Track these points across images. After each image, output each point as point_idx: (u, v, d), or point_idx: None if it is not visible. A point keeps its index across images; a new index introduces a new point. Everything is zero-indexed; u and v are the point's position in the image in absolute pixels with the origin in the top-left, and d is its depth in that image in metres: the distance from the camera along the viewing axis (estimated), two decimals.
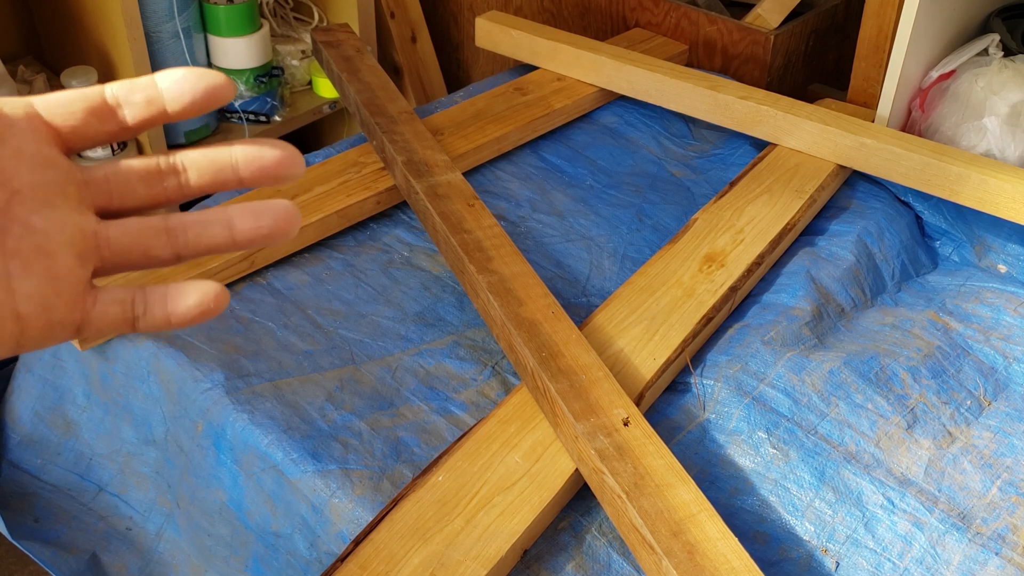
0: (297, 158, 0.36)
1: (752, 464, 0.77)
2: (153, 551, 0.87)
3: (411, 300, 0.92)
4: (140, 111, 0.35)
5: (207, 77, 0.35)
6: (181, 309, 0.35)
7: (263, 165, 0.36)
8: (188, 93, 0.35)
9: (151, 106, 0.35)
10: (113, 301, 0.35)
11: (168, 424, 0.85)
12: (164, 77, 0.35)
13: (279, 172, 0.36)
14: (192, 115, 0.36)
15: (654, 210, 1.08)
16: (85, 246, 0.35)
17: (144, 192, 0.36)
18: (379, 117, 1.06)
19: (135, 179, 0.36)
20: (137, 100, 0.35)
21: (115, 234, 0.35)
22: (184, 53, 1.41)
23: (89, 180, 0.35)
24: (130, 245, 0.35)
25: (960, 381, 0.85)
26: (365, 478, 0.75)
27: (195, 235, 0.36)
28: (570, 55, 1.23)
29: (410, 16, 1.73)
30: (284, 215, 0.36)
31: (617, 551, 0.71)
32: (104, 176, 0.35)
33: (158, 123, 0.36)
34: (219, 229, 0.36)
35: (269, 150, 0.36)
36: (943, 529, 0.72)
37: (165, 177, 0.36)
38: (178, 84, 0.35)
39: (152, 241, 0.36)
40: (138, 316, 0.35)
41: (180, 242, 0.36)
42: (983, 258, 1.04)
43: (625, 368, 0.81)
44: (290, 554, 0.77)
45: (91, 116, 0.35)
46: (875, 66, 1.22)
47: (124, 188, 0.36)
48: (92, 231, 0.35)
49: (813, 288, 0.93)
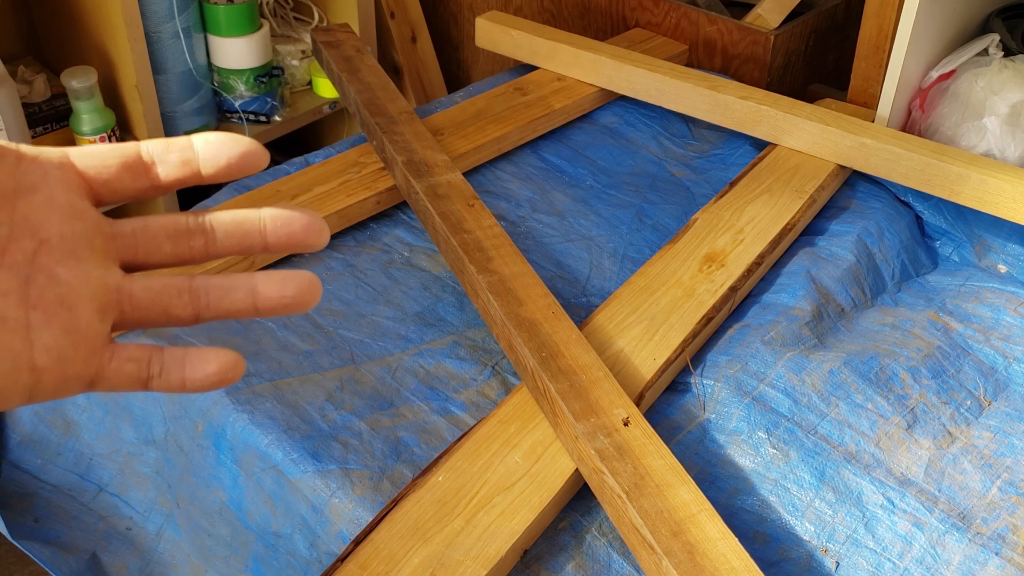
0: (323, 227, 0.36)
1: (752, 464, 0.77)
2: (153, 551, 0.87)
3: (411, 300, 0.92)
4: (174, 171, 0.35)
5: (242, 144, 0.35)
6: (199, 376, 0.36)
7: (291, 232, 0.36)
8: (224, 157, 0.35)
9: (186, 167, 0.35)
10: (129, 359, 0.35)
11: (168, 424, 0.85)
12: (201, 140, 0.35)
13: (306, 240, 0.36)
14: (225, 180, 0.36)
15: (654, 210, 1.08)
16: (107, 300, 0.35)
17: (170, 250, 0.36)
18: (379, 117, 1.06)
19: (162, 236, 0.36)
20: (172, 160, 0.35)
21: (138, 290, 0.35)
22: (184, 53, 1.41)
23: (117, 234, 0.35)
24: (152, 302, 0.36)
25: (960, 381, 0.85)
26: (365, 478, 0.75)
27: (217, 298, 0.36)
28: (570, 55, 1.23)
29: (410, 16, 1.73)
30: (308, 287, 0.36)
31: (617, 551, 0.71)
32: (132, 231, 0.36)
33: (190, 184, 0.36)
34: (242, 295, 0.36)
35: (298, 217, 0.36)
36: (943, 529, 0.72)
37: (192, 236, 0.36)
38: (215, 148, 0.35)
39: (174, 300, 0.36)
40: (153, 376, 0.36)
41: (202, 303, 0.36)
42: (983, 258, 1.04)
43: (625, 368, 0.81)
44: (290, 554, 0.77)
45: (125, 171, 0.35)
46: (875, 66, 1.22)
47: (151, 244, 0.36)
48: (116, 286, 0.35)
49: (813, 288, 0.93)
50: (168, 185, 0.36)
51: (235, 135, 0.36)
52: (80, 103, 1.34)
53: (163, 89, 1.41)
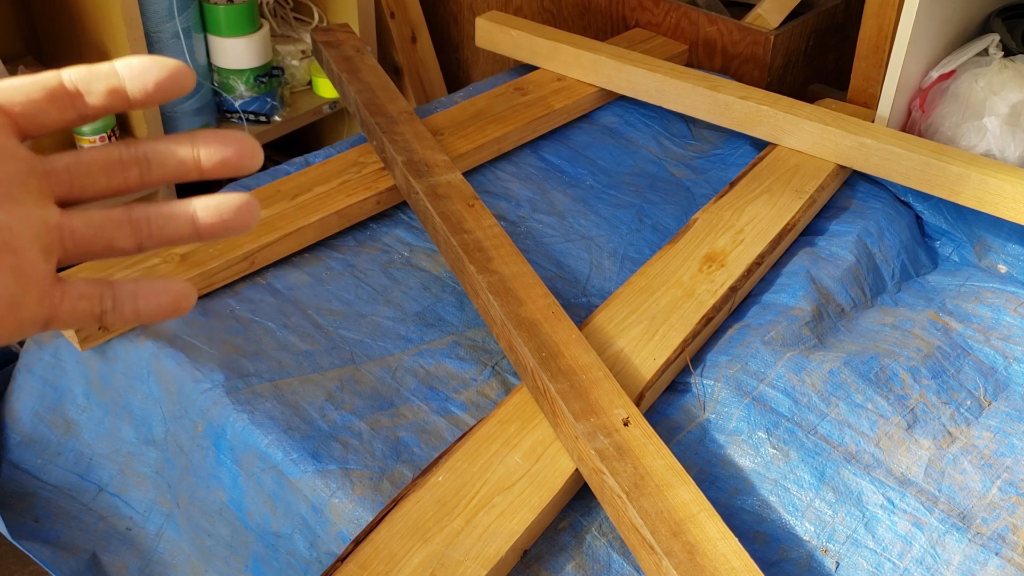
0: (256, 149, 0.36)
1: (752, 464, 0.77)
2: (153, 551, 0.87)
3: (411, 300, 0.92)
4: (101, 98, 0.35)
5: (167, 65, 0.35)
6: (153, 306, 0.36)
7: (225, 156, 0.36)
8: (151, 80, 0.35)
9: (113, 94, 0.35)
10: (81, 296, 0.35)
11: (168, 424, 0.85)
12: (124, 64, 0.35)
13: (240, 163, 0.36)
14: (154, 102, 0.35)
15: (654, 210, 1.08)
16: (49, 239, 0.34)
17: (105, 182, 0.36)
18: (379, 117, 1.06)
19: (96, 169, 0.35)
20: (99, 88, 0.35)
21: (78, 225, 0.35)
22: (184, 53, 1.41)
23: (50, 171, 0.35)
24: (93, 236, 0.35)
25: (960, 381, 0.85)
26: (365, 478, 0.75)
27: (158, 227, 0.36)
28: (570, 55, 1.23)
29: (410, 16, 1.73)
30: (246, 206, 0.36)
31: (617, 551, 0.71)
32: (65, 166, 0.35)
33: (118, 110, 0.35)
34: (182, 222, 0.36)
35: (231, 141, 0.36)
36: (943, 529, 0.72)
37: (127, 167, 0.35)
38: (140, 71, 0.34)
39: (115, 232, 0.35)
40: (106, 311, 0.35)
41: (143, 233, 0.36)
42: (983, 258, 1.04)
43: (625, 368, 0.81)
44: (290, 554, 0.77)
45: (50, 103, 0.34)
46: (875, 66, 1.22)
47: (85, 178, 0.35)
48: (56, 223, 0.35)
49: (813, 288, 0.93)
50: (96, 112, 0.35)
51: (160, 57, 0.35)
52: None
53: None
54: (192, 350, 0.84)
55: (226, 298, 0.90)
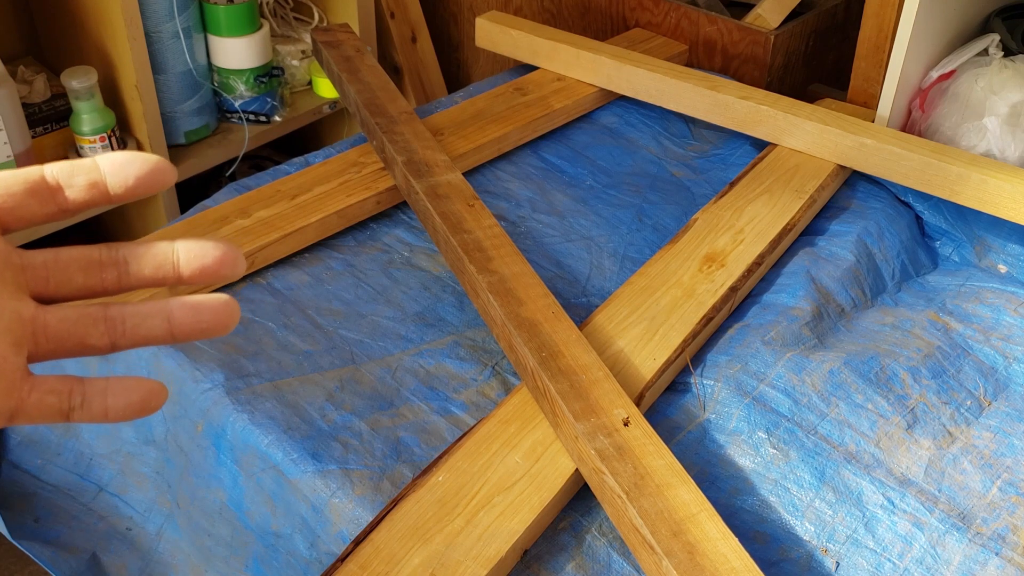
0: (238, 257, 0.36)
1: (752, 464, 0.77)
2: (153, 551, 0.87)
3: (411, 300, 0.92)
4: (82, 194, 0.35)
5: (148, 162, 0.35)
6: (122, 404, 0.35)
7: (204, 265, 0.35)
8: (132, 176, 0.35)
9: (93, 189, 0.35)
10: (49, 391, 0.35)
11: (168, 424, 0.85)
12: (106, 160, 0.35)
13: (220, 271, 0.36)
14: (133, 197, 0.35)
15: (654, 210, 1.08)
16: (22, 332, 0.34)
17: (82, 281, 0.35)
18: (379, 117, 1.06)
19: (74, 268, 0.35)
20: (79, 183, 0.35)
21: (52, 321, 0.35)
22: (184, 53, 1.41)
23: (27, 265, 0.35)
24: (67, 333, 0.35)
25: (960, 381, 0.85)
26: (365, 478, 0.75)
27: (133, 326, 0.36)
28: (570, 55, 1.23)
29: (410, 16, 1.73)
30: (224, 310, 0.36)
31: (617, 551, 0.71)
32: (43, 263, 0.35)
33: (99, 205, 0.35)
34: (158, 322, 0.36)
35: (211, 250, 0.35)
36: (943, 529, 0.72)
37: (105, 269, 0.35)
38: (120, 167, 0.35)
39: (89, 330, 0.35)
40: (74, 408, 0.35)
41: (117, 332, 0.36)
42: (983, 258, 1.04)
43: (625, 368, 0.81)
44: (290, 554, 0.77)
45: (31, 197, 0.34)
46: (875, 66, 1.22)
47: (62, 276, 0.35)
48: (30, 317, 0.34)
49: (813, 288, 0.93)
50: (76, 208, 0.35)
51: (140, 153, 0.35)
52: (80, 103, 1.34)
53: (163, 89, 1.41)
54: (192, 350, 0.84)
55: None
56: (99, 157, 0.35)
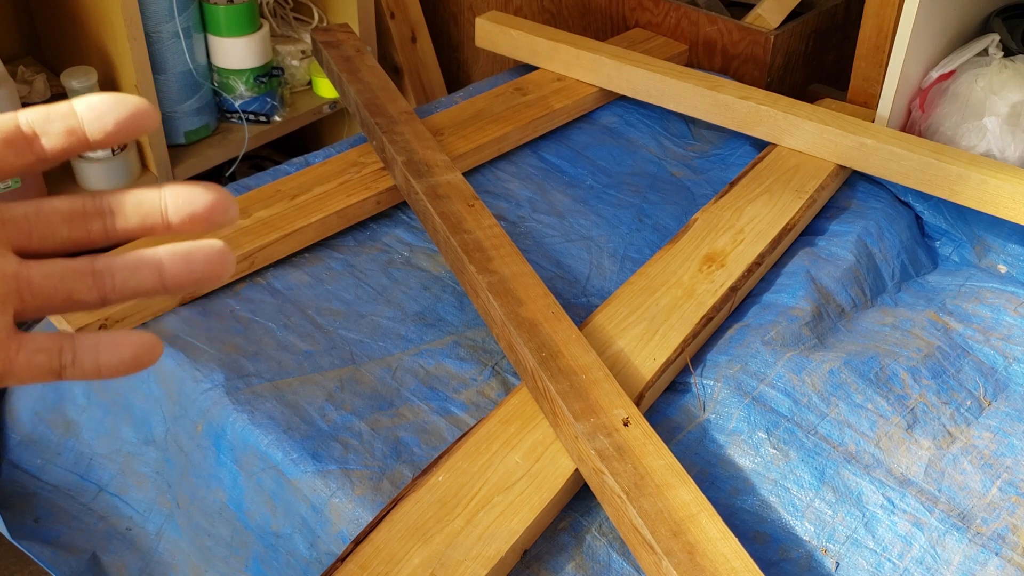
0: (230, 203, 0.34)
1: (752, 464, 0.77)
2: (153, 551, 0.87)
3: (411, 300, 0.92)
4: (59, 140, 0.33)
5: (128, 104, 0.33)
6: (115, 360, 0.34)
7: (194, 211, 0.33)
8: (111, 120, 0.33)
9: (71, 135, 0.33)
10: (39, 349, 0.34)
11: (168, 424, 0.85)
12: (83, 104, 0.33)
13: (211, 218, 0.34)
14: (114, 143, 0.34)
15: (654, 210, 1.08)
16: (6, 290, 0.33)
17: (67, 234, 0.34)
18: (379, 117, 1.06)
19: (58, 220, 0.34)
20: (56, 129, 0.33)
21: (37, 276, 0.33)
22: (184, 53, 1.41)
23: (7, 219, 0.33)
24: (53, 288, 0.34)
25: (960, 381, 0.85)
26: (365, 478, 0.75)
27: (123, 279, 0.34)
28: (570, 55, 1.23)
29: (410, 16, 1.73)
30: (218, 257, 0.34)
31: (617, 551, 0.71)
32: (24, 215, 0.34)
33: (78, 152, 0.34)
34: (148, 273, 0.34)
35: (201, 194, 0.33)
36: (943, 529, 0.72)
37: (90, 219, 0.34)
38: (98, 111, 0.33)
39: (77, 284, 0.34)
40: (65, 365, 0.34)
41: (107, 286, 0.34)
42: (983, 258, 1.04)
43: (625, 368, 0.81)
44: (290, 554, 0.77)
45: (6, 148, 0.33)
46: (875, 66, 1.22)
47: (45, 229, 0.34)
48: (12, 273, 0.33)
49: (813, 288, 0.93)
50: (55, 156, 0.34)
51: (121, 95, 0.33)
52: None
53: (163, 89, 1.41)
54: (192, 350, 0.84)
55: (226, 298, 0.90)
56: (75, 101, 0.33)
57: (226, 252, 0.34)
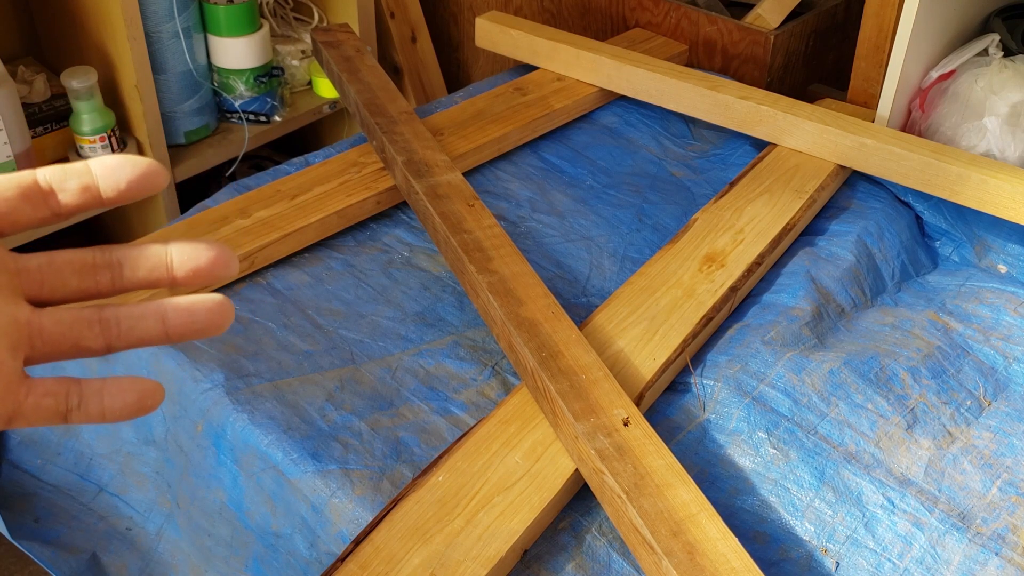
0: (231, 258, 0.36)
1: (752, 464, 0.77)
2: (153, 551, 0.87)
3: (411, 300, 0.92)
4: (75, 198, 0.35)
5: (140, 165, 0.35)
6: (118, 405, 0.36)
7: (197, 266, 0.36)
8: (124, 180, 0.35)
9: (86, 193, 0.35)
10: (46, 393, 0.35)
11: (168, 424, 0.85)
12: (98, 164, 0.35)
13: (212, 272, 0.36)
14: (126, 201, 0.35)
15: (654, 210, 1.08)
16: (18, 336, 0.34)
17: (77, 284, 0.36)
18: (379, 117, 1.06)
19: (68, 271, 0.36)
20: (72, 186, 0.35)
21: (48, 323, 0.35)
22: (184, 53, 1.41)
23: (21, 269, 0.35)
24: (62, 335, 0.35)
25: (960, 381, 0.85)
26: (365, 478, 0.75)
27: (128, 328, 0.36)
28: (570, 55, 1.23)
29: (410, 16, 1.73)
30: (218, 311, 0.36)
31: (617, 551, 0.71)
32: (37, 266, 0.35)
33: (92, 208, 0.36)
34: (152, 323, 0.36)
35: (204, 250, 0.36)
36: (943, 529, 0.72)
37: (99, 271, 0.36)
38: (113, 171, 0.35)
39: (85, 332, 0.36)
40: (71, 409, 0.35)
41: (112, 334, 0.36)
42: (983, 258, 1.04)
43: (625, 368, 0.81)
44: (290, 554, 0.77)
45: (24, 202, 0.35)
46: (875, 66, 1.22)
47: (56, 279, 0.36)
48: (25, 320, 0.35)
49: (813, 288, 0.93)
50: (69, 212, 0.35)
51: (133, 157, 0.35)
52: (80, 103, 1.34)
53: (163, 89, 1.41)
54: (192, 350, 0.84)
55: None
56: (91, 161, 0.35)
57: (226, 305, 0.36)
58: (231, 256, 0.36)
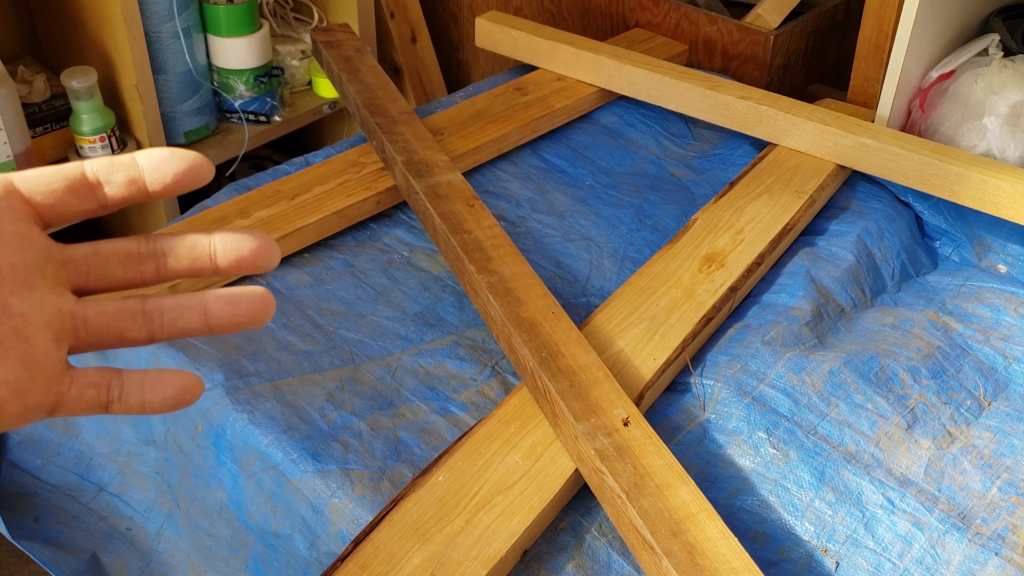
0: (273, 249, 0.37)
1: (752, 464, 0.77)
2: (153, 551, 0.87)
3: (411, 300, 0.92)
4: (121, 190, 0.35)
5: (187, 159, 0.35)
6: (158, 398, 0.36)
7: (240, 256, 0.36)
8: (169, 173, 0.35)
9: (132, 185, 0.35)
10: (88, 384, 0.35)
11: (168, 424, 0.85)
12: (144, 157, 0.35)
13: (255, 262, 0.36)
14: (172, 194, 0.36)
15: (654, 210, 1.08)
16: (62, 327, 0.35)
17: (122, 274, 0.36)
18: (379, 117, 1.06)
19: (114, 261, 0.36)
20: (118, 179, 0.35)
21: (92, 314, 0.36)
22: (184, 53, 1.41)
23: (67, 260, 0.36)
24: (106, 326, 0.36)
25: (960, 381, 0.85)
26: (365, 478, 0.75)
27: (171, 319, 0.36)
28: (570, 55, 1.23)
29: (410, 16, 1.73)
30: (260, 303, 0.37)
31: (617, 551, 0.71)
32: (83, 256, 0.36)
33: (138, 200, 0.36)
34: (195, 315, 0.36)
35: (248, 241, 0.36)
36: (943, 529, 0.72)
37: (143, 261, 0.36)
38: (159, 164, 0.35)
39: (128, 323, 0.36)
40: (112, 400, 0.36)
41: (155, 325, 0.36)
42: (983, 258, 1.04)
43: (625, 368, 0.81)
44: (290, 554, 0.77)
45: (71, 194, 0.35)
46: (875, 66, 1.22)
47: (102, 269, 0.36)
48: (70, 312, 0.35)
49: (813, 288, 0.93)
50: (115, 204, 0.36)
51: (179, 150, 0.35)
52: (80, 103, 1.34)
53: (163, 89, 1.41)
54: (192, 350, 0.84)
55: None
56: (138, 154, 0.35)
57: (268, 298, 0.37)
58: (273, 246, 0.36)
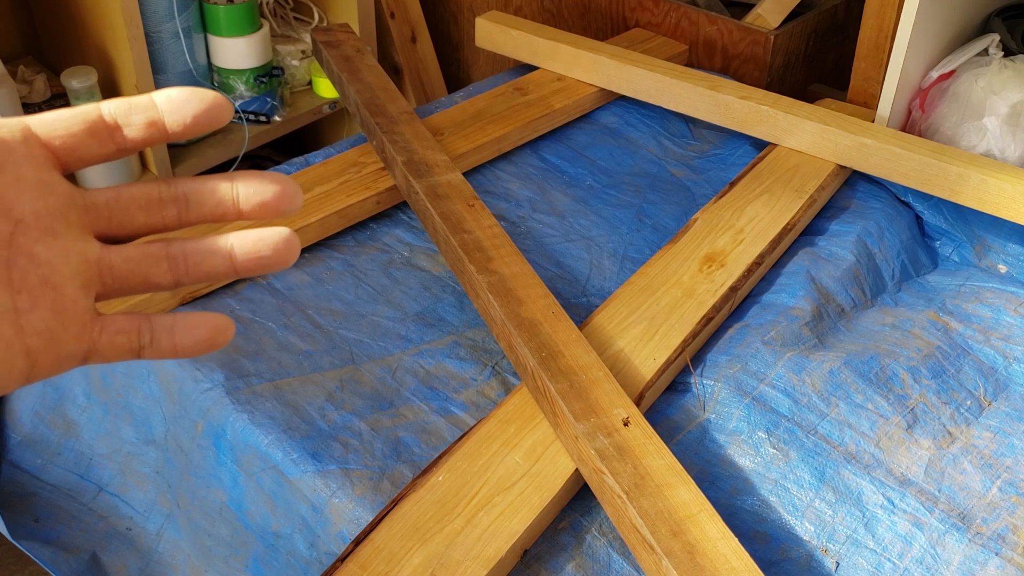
0: (296, 192, 0.36)
1: (752, 464, 0.77)
2: (153, 551, 0.87)
3: (411, 300, 0.92)
4: (140, 131, 0.35)
5: (206, 97, 0.35)
6: (189, 341, 0.36)
7: (263, 200, 0.36)
8: (189, 113, 0.35)
9: (151, 127, 0.35)
10: (119, 331, 0.35)
11: (168, 424, 0.85)
12: (163, 96, 0.35)
13: (279, 206, 0.36)
14: (192, 135, 0.35)
15: (654, 210, 1.08)
16: (89, 274, 0.35)
17: (144, 219, 0.36)
18: (379, 117, 1.06)
19: (135, 207, 0.35)
20: (138, 121, 0.35)
21: (117, 260, 0.35)
22: (184, 53, 1.41)
23: (89, 205, 0.35)
24: (131, 271, 0.35)
25: (960, 381, 0.85)
26: (365, 478, 0.75)
27: (196, 263, 0.36)
28: (570, 55, 1.23)
29: (410, 16, 1.73)
30: (284, 244, 0.36)
31: (617, 551, 0.71)
32: (105, 202, 0.35)
33: (157, 142, 0.36)
34: (220, 259, 0.36)
35: (270, 185, 0.36)
36: (943, 529, 0.72)
37: (165, 206, 0.36)
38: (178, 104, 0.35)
39: (153, 268, 0.36)
40: (144, 345, 0.36)
41: (181, 269, 0.36)
42: (983, 258, 1.04)
43: (625, 368, 0.81)
44: (290, 554, 0.77)
45: (90, 137, 0.34)
46: (875, 66, 1.22)
47: (124, 215, 0.36)
48: (95, 258, 0.35)
49: (813, 288, 0.93)
50: (135, 146, 0.35)
51: (199, 89, 0.35)
52: (80, 103, 1.34)
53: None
54: None
55: (226, 298, 0.90)
56: (155, 94, 0.35)
57: (292, 239, 0.36)
58: (296, 189, 0.36)
